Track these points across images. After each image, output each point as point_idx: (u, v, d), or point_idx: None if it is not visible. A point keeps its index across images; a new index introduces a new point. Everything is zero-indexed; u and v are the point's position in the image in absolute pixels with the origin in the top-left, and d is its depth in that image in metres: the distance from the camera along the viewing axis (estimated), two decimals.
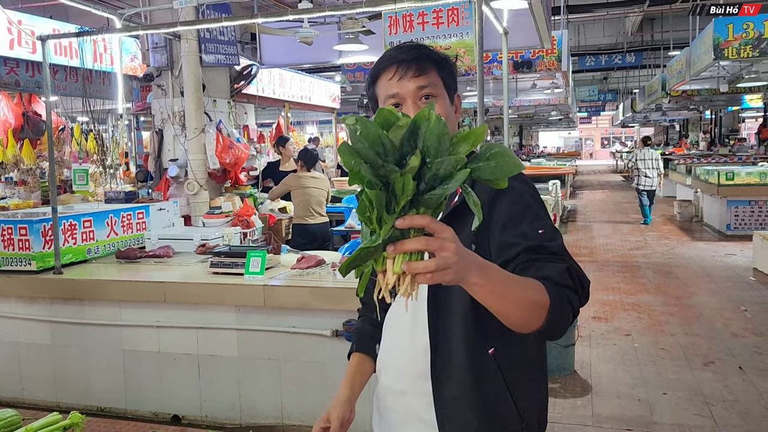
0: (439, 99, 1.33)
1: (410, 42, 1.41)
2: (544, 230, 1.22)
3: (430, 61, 1.34)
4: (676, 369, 4.29)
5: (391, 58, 1.34)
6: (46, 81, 3.69)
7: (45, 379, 3.79)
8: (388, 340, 1.42)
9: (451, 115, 1.35)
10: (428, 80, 1.32)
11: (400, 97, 1.32)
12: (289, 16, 3.17)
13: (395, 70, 1.32)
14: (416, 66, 1.31)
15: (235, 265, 3.50)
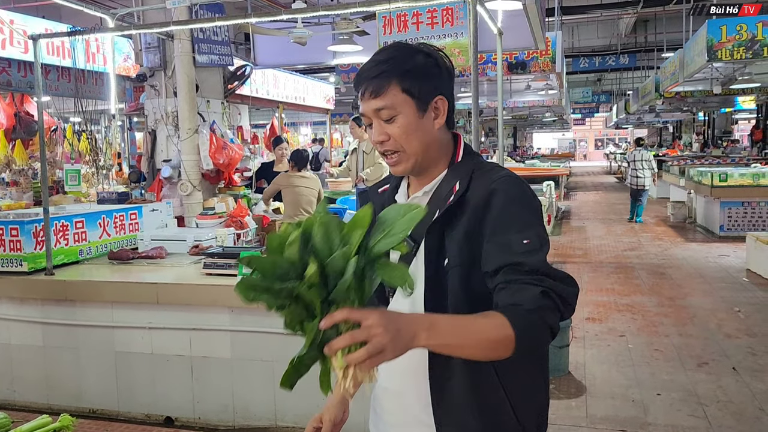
0: (399, 117, 1.30)
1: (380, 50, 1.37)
2: (529, 240, 1.21)
3: (392, 76, 1.29)
4: (670, 370, 4.30)
5: (358, 77, 1.34)
6: (38, 81, 3.66)
7: (36, 380, 3.75)
8: None
9: (419, 128, 1.32)
10: (384, 101, 1.29)
11: (366, 117, 1.34)
12: (283, 16, 3.16)
13: (362, 88, 1.32)
14: (374, 86, 1.30)
15: (228, 266, 3.48)
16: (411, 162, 1.34)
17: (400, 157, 1.34)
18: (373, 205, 1.26)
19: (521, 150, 29.36)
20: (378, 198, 1.49)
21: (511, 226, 1.23)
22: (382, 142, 1.33)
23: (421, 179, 1.40)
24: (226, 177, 5.53)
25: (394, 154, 1.34)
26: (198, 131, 5.11)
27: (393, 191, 1.47)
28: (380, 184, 1.55)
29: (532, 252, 1.20)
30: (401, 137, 1.31)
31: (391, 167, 1.37)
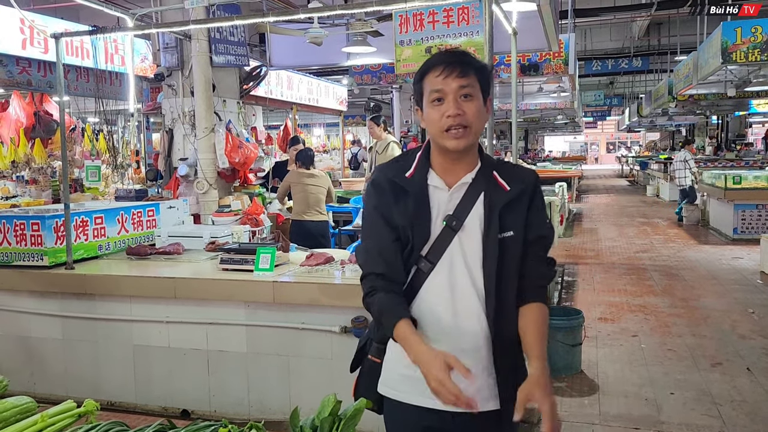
0: (474, 99, 1.60)
1: (456, 49, 1.70)
2: (548, 220, 1.76)
3: (472, 66, 1.61)
4: (683, 369, 4.29)
5: (440, 60, 1.62)
6: (60, 80, 3.73)
7: (56, 373, 3.82)
8: (446, 307, 1.62)
9: (483, 114, 1.63)
10: (468, 81, 1.59)
11: (443, 93, 1.59)
12: (300, 15, 3.20)
13: (442, 69, 1.59)
14: (460, 68, 1.58)
15: (244, 261, 3.53)
16: (470, 139, 1.61)
17: (466, 132, 1.59)
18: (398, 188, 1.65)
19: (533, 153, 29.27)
20: (408, 182, 1.65)
21: (542, 209, 1.72)
22: (457, 116, 1.58)
23: (458, 165, 1.66)
24: (241, 175, 5.59)
25: (462, 129, 1.59)
26: (214, 130, 5.18)
27: (423, 178, 1.66)
28: (399, 167, 1.69)
29: (550, 229, 1.74)
30: (474, 115, 1.59)
31: (456, 140, 1.60)
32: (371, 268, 1.65)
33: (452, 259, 1.61)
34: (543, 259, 1.68)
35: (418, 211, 1.63)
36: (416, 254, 1.63)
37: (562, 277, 7.23)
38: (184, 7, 4.64)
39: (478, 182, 1.65)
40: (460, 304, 1.61)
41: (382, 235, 1.65)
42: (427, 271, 1.62)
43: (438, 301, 1.62)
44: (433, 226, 1.62)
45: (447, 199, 1.64)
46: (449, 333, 1.60)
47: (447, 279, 1.61)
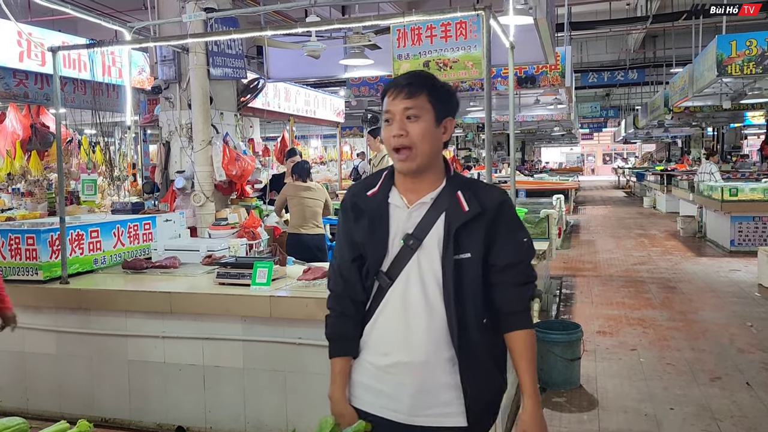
0: (420, 120, 1.62)
1: (416, 71, 1.74)
2: (526, 239, 1.71)
3: (423, 87, 1.63)
4: (682, 384, 4.27)
5: (394, 82, 1.66)
6: (56, 93, 3.72)
7: (50, 389, 3.78)
8: (398, 322, 1.65)
9: (433, 135, 1.64)
10: (414, 103, 1.62)
11: (391, 114, 1.64)
12: (298, 29, 3.21)
13: (392, 91, 1.64)
14: (407, 90, 1.62)
15: (241, 275, 3.50)
16: (417, 161, 1.63)
17: (411, 154, 1.62)
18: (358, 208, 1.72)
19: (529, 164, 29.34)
20: (367, 201, 1.71)
21: (517, 229, 1.70)
22: (400, 136, 1.62)
23: (419, 185, 1.68)
24: (238, 188, 5.57)
25: (407, 150, 1.62)
26: (211, 143, 5.16)
27: (385, 196, 1.70)
28: (365, 186, 1.76)
29: (529, 248, 1.71)
30: (418, 136, 1.62)
31: (401, 162, 1.65)
32: (331, 287, 1.80)
33: (409, 276, 1.65)
34: (519, 284, 1.68)
35: (374, 229, 1.68)
36: (373, 271, 1.69)
37: (560, 289, 7.21)
38: (182, 20, 4.65)
39: (441, 201, 1.66)
40: (412, 321, 1.64)
41: (343, 254, 1.76)
42: (386, 287, 1.67)
43: (392, 317, 1.66)
44: (391, 244, 1.67)
45: (406, 217, 1.67)
46: (400, 348, 1.64)
47: (402, 296, 1.65)
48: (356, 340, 1.72)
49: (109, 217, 4.47)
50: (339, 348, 1.75)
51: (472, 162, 19.12)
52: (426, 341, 1.62)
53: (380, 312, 1.68)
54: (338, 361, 1.74)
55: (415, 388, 1.64)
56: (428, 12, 2.97)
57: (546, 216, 5.41)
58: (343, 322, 1.74)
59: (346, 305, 1.74)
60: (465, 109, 13.49)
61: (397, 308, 1.65)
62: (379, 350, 1.67)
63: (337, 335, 1.76)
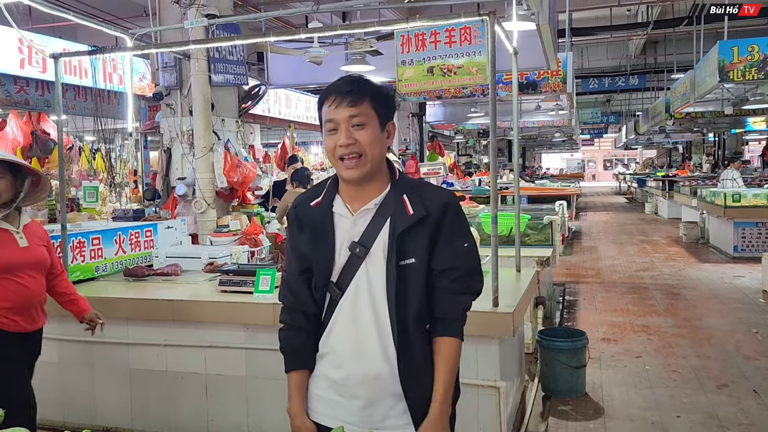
0: (367, 127, 1.59)
1: (352, 75, 1.68)
2: (468, 244, 1.65)
3: (365, 94, 1.59)
4: (689, 392, 4.23)
5: (333, 89, 1.61)
6: (58, 99, 3.70)
7: (52, 397, 3.73)
8: (349, 333, 1.63)
9: (378, 141, 1.61)
10: (359, 110, 1.58)
11: (335, 122, 1.59)
12: (301, 35, 3.19)
13: (333, 99, 1.59)
14: (350, 98, 1.58)
15: (244, 283, 3.47)
16: (367, 168, 1.59)
17: (360, 162, 1.58)
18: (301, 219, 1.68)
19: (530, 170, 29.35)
20: (310, 212, 1.68)
21: (457, 233, 1.64)
22: (348, 145, 1.57)
23: (363, 191, 1.63)
24: (240, 195, 5.55)
25: (357, 158, 1.58)
26: (213, 149, 5.14)
27: (329, 205, 1.66)
28: (308, 196, 1.73)
29: (468, 254, 1.65)
30: (367, 143, 1.58)
31: (349, 170, 1.59)
32: (281, 300, 1.78)
33: (358, 286, 1.62)
34: (456, 292, 1.64)
35: (319, 239, 1.65)
36: (321, 282, 1.66)
37: (563, 296, 7.17)
38: (183, 27, 4.64)
39: (386, 207, 1.62)
40: (361, 331, 1.62)
41: (291, 267, 1.75)
42: (336, 298, 1.64)
43: (344, 328, 1.64)
44: (338, 254, 1.64)
45: (351, 225, 1.64)
46: (351, 360, 1.62)
47: (351, 306, 1.62)
48: (310, 353, 1.70)
49: (111, 225, 4.44)
50: (293, 362, 1.73)
51: (473, 168, 19.09)
52: (377, 352, 1.60)
53: (333, 323, 1.66)
54: (294, 375, 1.73)
55: (369, 400, 1.62)
56: (432, 18, 2.95)
57: (549, 222, 5.38)
58: (295, 335, 1.73)
59: (298, 318, 1.72)
60: (465, 115, 13.50)
61: (347, 319, 1.63)
62: (333, 362, 1.66)
63: (290, 349, 1.74)
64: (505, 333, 2.96)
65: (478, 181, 13.67)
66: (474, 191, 10.91)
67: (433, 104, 13.56)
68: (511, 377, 3.44)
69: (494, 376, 3.03)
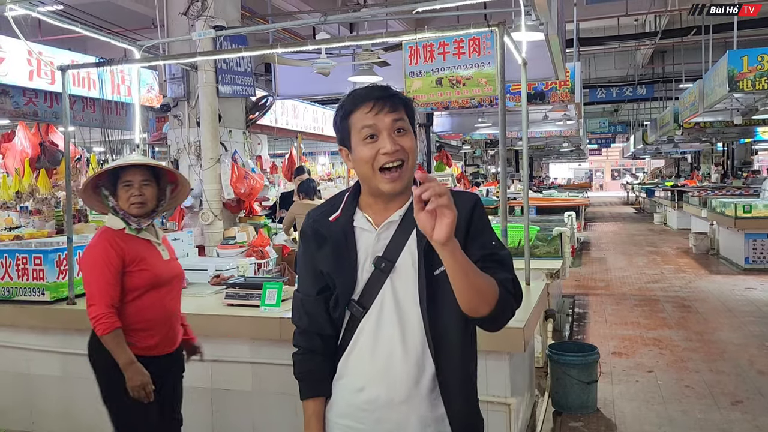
0: (408, 133, 1.52)
1: (377, 85, 1.59)
2: (496, 242, 1.55)
3: (401, 100, 1.54)
4: (703, 408, 4.14)
5: (367, 95, 1.53)
6: (66, 111, 3.70)
7: (55, 412, 3.70)
8: (373, 353, 1.53)
9: (416, 149, 1.54)
10: (400, 115, 1.51)
11: (376, 129, 1.50)
12: (309, 46, 3.17)
13: (372, 104, 1.50)
14: (391, 103, 1.51)
15: (250, 296, 3.43)
16: (407, 177, 1.51)
17: (403, 171, 1.50)
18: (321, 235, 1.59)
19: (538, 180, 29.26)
20: (330, 227, 1.58)
21: (483, 232, 1.54)
22: (395, 152, 1.48)
23: (390, 203, 1.55)
24: (247, 206, 5.52)
25: (401, 167, 1.49)
26: (220, 161, 5.13)
27: (349, 219, 1.58)
28: (325, 211, 1.63)
29: (499, 249, 1.53)
30: (410, 150, 1.51)
31: (392, 183, 1.49)
32: (295, 322, 1.68)
33: (383, 303, 1.52)
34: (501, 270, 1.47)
35: (340, 256, 1.55)
36: (343, 301, 1.56)
37: (572, 308, 7.09)
38: (191, 39, 4.64)
39: (410, 218, 1.48)
40: (386, 351, 1.51)
41: (306, 287, 1.65)
42: (359, 316, 1.54)
43: (367, 348, 1.54)
44: (361, 270, 1.54)
45: (375, 240, 1.54)
46: (374, 382, 1.52)
47: (376, 324, 1.52)
48: (327, 378, 1.61)
49: None
50: (310, 389, 1.63)
51: (480, 178, 19.05)
52: (405, 373, 1.50)
53: (354, 344, 1.56)
54: (310, 404, 1.62)
55: (396, 425, 1.51)
56: (441, 29, 2.93)
57: (559, 234, 5.32)
58: (311, 359, 1.63)
59: (313, 341, 1.62)
60: (473, 125, 13.47)
61: (370, 338, 1.53)
62: (354, 385, 1.55)
63: (306, 375, 1.64)
64: (516, 348, 2.90)
65: (485, 191, 13.61)
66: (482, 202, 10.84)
67: (440, 114, 13.54)
68: (521, 393, 3.38)
69: (504, 392, 2.97)
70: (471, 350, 1.58)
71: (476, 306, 1.40)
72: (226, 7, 5.18)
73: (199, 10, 4.93)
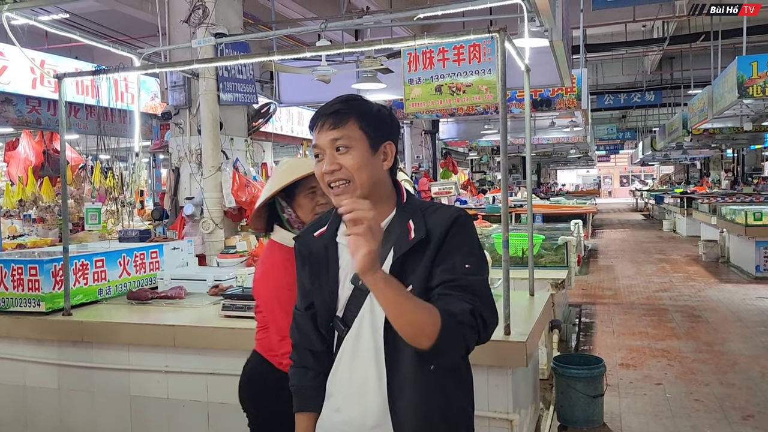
0: (352, 150, 1.44)
1: (343, 96, 1.52)
2: (470, 265, 1.41)
3: (349, 114, 1.45)
4: (713, 423, 4.03)
5: (318, 113, 1.49)
6: (62, 119, 3.66)
7: (51, 424, 3.65)
8: (351, 373, 1.49)
9: (370, 164, 1.46)
10: (342, 133, 1.44)
11: (319, 148, 1.48)
12: (307, 54, 3.12)
13: (318, 123, 1.48)
14: (332, 120, 1.45)
15: (247, 308, 3.36)
16: (356, 194, 1.44)
17: (347, 188, 1.44)
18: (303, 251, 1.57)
19: (545, 187, 29.11)
20: (314, 242, 1.56)
21: (458, 252, 1.41)
22: (333, 172, 1.44)
23: None
24: (248, 215, 5.47)
25: (343, 184, 1.45)
26: (221, 169, 5.08)
27: (332, 234, 1.53)
28: (314, 227, 1.61)
29: (471, 273, 1.39)
30: (353, 168, 1.44)
31: (336, 198, 1.45)
32: (290, 336, 1.67)
33: (362, 322, 1.48)
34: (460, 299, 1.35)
35: (320, 272, 1.53)
36: (325, 319, 1.52)
37: (579, 318, 6.99)
38: (191, 46, 4.60)
39: (390, 233, 1.46)
40: (361, 373, 1.47)
41: (298, 302, 1.64)
42: (342, 335, 1.51)
43: (344, 368, 1.51)
44: (341, 287, 1.51)
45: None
46: (351, 405, 1.49)
47: (354, 343, 1.49)
48: (316, 394, 1.58)
49: (115, 246, 4.37)
50: (299, 403, 1.63)
51: (487, 185, 18.95)
52: (378, 398, 1.44)
53: (338, 362, 1.53)
54: (301, 417, 1.62)
55: None
56: (440, 35, 2.86)
57: (564, 243, 5.24)
58: (302, 374, 1.62)
59: (304, 356, 1.61)
60: (479, 132, 13.41)
61: (348, 358, 1.50)
62: (334, 405, 1.53)
63: (297, 389, 1.64)
64: (518, 364, 2.82)
65: (492, 198, 13.53)
66: (488, 209, 10.77)
67: (446, 121, 13.50)
68: (524, 407, 3.29)
69: (506, 407, 2.88)
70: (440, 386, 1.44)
71: (412, 338, 1.32)
72: (228, 15, 5.15)
73: (200, 18, 4.90)
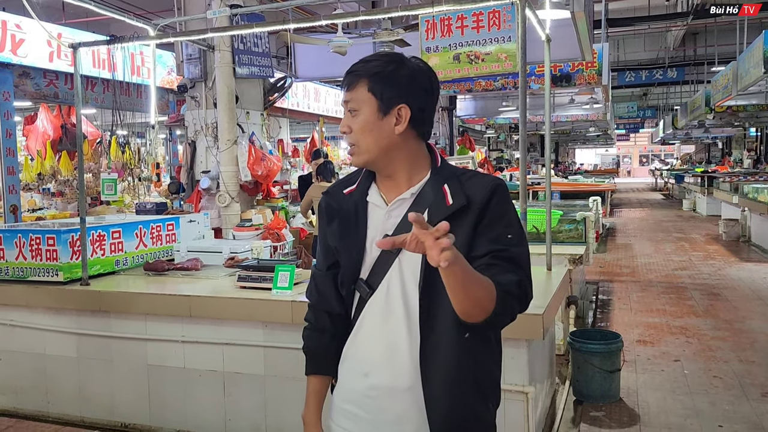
0: (359, 113, 1.43)
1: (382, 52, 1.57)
2: (512, 236, 1.39)
3: (362, 75, 1.43)
4: (731, 399, 3.99)
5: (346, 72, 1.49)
6: (78, 90, 3.65)
7: (70, 392, 3.71)
8: (378, 338, 1.45)
9: (376, 128, 1.43)
10: (352, 95, 1.44)
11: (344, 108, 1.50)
12: (322, 21, 3.06)
13: (343, 84, 1.48)
14: (347, 81, 1.45)
15: (263, 279, 3.37)
16: (363, 158, 1.45)
17: (354, 150, 1.46)
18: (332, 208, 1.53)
19: (563, 165, 28.78)
20: (343, 200, 1.53)
21: (499, 222, 1.40)
22: (345, 134, 1.47)
23: (393, 181, 1.47)
24: (264, 188, 5.47)
25: (352, 146, 1.46)
26: (237, 142, 5.07)
27: (363, 194, 1.51)
28: (343, 183, 1.58)
29: (514, 245, 1.38)
30: (357, 131, 1.44)
31: (350, 158, 1.50)
32: (307, 297, 1.65)
33: (390, 284, 1.44)
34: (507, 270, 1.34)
35: (348, 230, 1.49)
36: (348, 279, 1.49)
37: (596, 295, 6.93)
38: (206, 17, 4.56)
39: (424, 197, 1.43)
40: (391, 337, 1.43)
41: (320, 261, 1.60)
42: (366, 297, 1.47)
43: (372, 332, 1.47)
44: (369, 248, 1.46)
45: (385, 217, 1.46)
46: (380, 369, 1.44)
47: (382, 307, 1.44)
48: (332, 357, 1.56)
49: (131, 218, 4.40)
50: (312, 365, 1.61)
51: (504, 163, 18.78)
52: (409, 361, 1.41)
53: (360, 326, 1.49)
54: (313, 380, 1.61)
55: (399, 416, 1.43)
56: (460, 1, 2.79)
57: (583, 219, 5.17)
58: (318, 337, 1.59)
59: (322, 318, 1.58)
60: (497, 109, 13.25)
61: (376, 322, 1.45)
62: (359, 370, 1.48)
63: (311, 351, 1.61)
64: (534, 335, 2.80)
65: (509, 176, 13.41)
66: None
67: (463, 98, 13.34)
68: (540, 381, 3.28)
69: (522, 380, 2.87)
70: (472, 351, 1.42)
71: (470, 313, 1.30)
72: None
73: None
